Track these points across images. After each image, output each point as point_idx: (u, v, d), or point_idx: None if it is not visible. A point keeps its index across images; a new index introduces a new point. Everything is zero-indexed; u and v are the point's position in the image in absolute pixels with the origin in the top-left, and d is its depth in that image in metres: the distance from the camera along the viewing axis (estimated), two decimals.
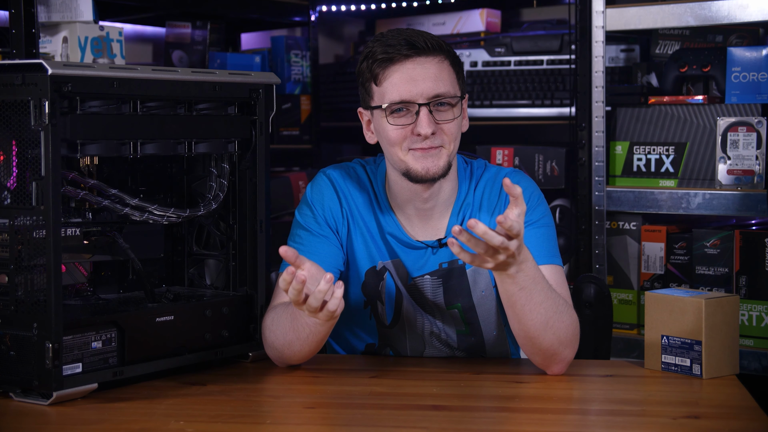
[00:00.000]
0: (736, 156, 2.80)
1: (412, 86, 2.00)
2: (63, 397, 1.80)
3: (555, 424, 1.73)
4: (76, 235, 1.99)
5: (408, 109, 2.01)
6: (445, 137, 2.03)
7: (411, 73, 2.01)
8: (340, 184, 2.14)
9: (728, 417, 1.75)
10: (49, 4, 2.77)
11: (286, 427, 1.77)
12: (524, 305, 1.90)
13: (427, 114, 2.00)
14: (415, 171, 2.03)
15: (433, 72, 2.02)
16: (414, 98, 2.00)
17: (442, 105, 2.02)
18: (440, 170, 2.03)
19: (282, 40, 3.80)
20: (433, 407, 1.78)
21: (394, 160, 2.05)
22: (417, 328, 2.14)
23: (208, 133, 2.04)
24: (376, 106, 2.05)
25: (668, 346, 1.98)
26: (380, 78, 2.03)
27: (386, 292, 2.13)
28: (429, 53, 2.02)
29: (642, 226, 3.00)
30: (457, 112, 2.03)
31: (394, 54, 2.01)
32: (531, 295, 1.89)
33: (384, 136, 2.05)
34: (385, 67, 2.02)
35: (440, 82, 2.01)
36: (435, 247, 2.11)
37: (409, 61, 2.01)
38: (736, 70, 2.88)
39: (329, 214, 2.12)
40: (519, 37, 3.50)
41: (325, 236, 2.11)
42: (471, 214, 2.12)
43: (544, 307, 1.91)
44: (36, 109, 1.76)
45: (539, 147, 3.31)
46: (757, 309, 2.81)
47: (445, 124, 2.02)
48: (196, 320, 2.02)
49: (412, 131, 2.01)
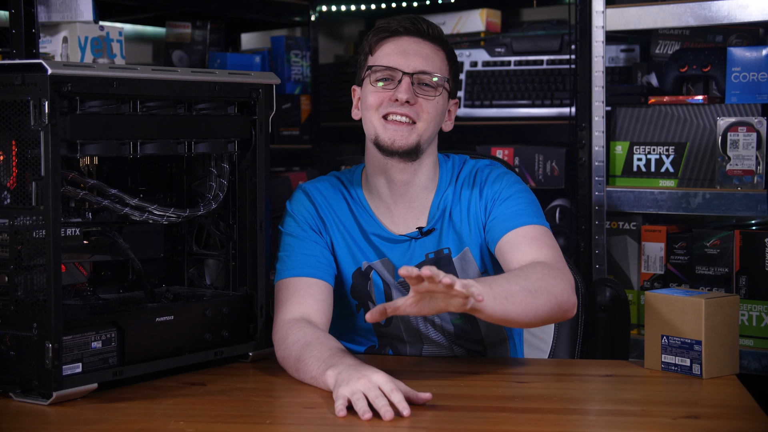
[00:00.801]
0: (736, 156, 2.80)
1: (402, 57, 2.06)
2: (63, 397, 1.80)
3: (555, 424, 1.73)
4: (76, 235, 1.99)
5: (392, 78, 2.06)
6: (421, 113, 2.06)
7: (404, 47, 2.07)
8: (315, 196, 2.18)
9: (728, 417, 1.75)
10: (49, 4, 2.77)
11: (286, 427, 1.77)
12: (506, 319, 1.89)
13: (408, 84, 2.05)
14: (382, 139, 2.07)
15: (426, 52, 2.08)
16: (400, 66, 2.05)
17: (426, 86, 2.06)
18: (407, 146, 2.06)
19: (282, 40, 3.80)
20: (433, 407, 1.78)
21: (368, 126, 2.10)
22: (411, 320, 2.14)
23: (208, 133, 2.04)
24: (365, 74, 2.09)
25: (668, 346, 1.98)
26: (375, 48, 2.10)
27: (375, 292, 2.14)
28: (428, 38, 2.08)
29: (642, 226, 3.00)
30: (440, 100, 2.06)
31: (395, 29, 2.09)
32: (506, 308, 1.85)
33: (365, 101, 2.10)
34: (382, 38, 2.10)
35: (430, 63, 2.07)
36: (417, 237, 2.12)
37: (407, 36, 2.08)
38: (736, 70, 2.88)
39: (311, 220, 2.15)
40: (519, 37, 3.50)
41: (313, 240, 2.13)
42: (451, 204, 2.13)
43: (524, 306, 1.88)
44: (36, 109, 1.76)
45: (539, 147, 3.31)
46: (757, 309, 2.81)
47: (424, 100, 2.05)
48: (196, 320, 2.02)
49: (390, 98, 2.05)
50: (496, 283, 1.86)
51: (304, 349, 1.93)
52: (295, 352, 1.94)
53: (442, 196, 2.14)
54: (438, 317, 2.14)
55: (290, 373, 1.96)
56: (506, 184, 2.12)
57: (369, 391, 1.72)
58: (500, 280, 1.89)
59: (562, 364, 2.20)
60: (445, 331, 2.16)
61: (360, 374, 1.75)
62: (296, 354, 1.93)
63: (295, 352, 1.94)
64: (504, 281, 1.88)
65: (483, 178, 2.14)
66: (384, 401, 1.71)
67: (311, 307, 2.05)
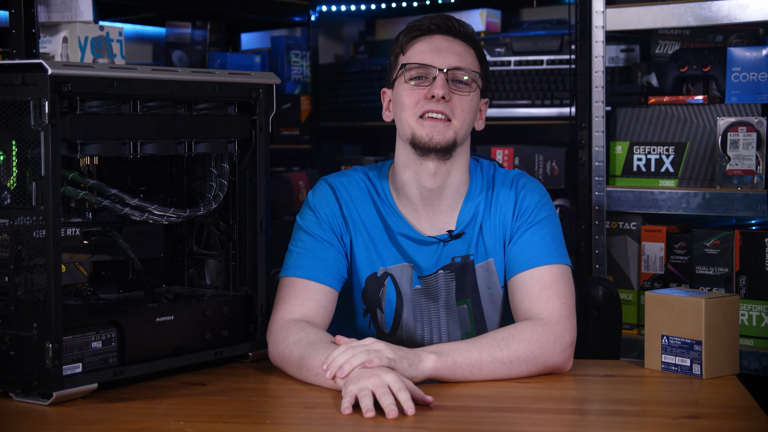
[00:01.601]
0: (736, 156, 2.80)
1: (436, 55, 2.06)
2: (63, 397, 1.80)
3: (555, 424, 1.73)
4: (76, 235, 1.99)
5: (426, 76, 2.06)
6: (456, 110, 2.05)
7: (438, 45, 2.08)
8: (341, 192, 2.14)
9: (728, 417, 1.75)
10: (49, 4, 2.77)
11: (286, 427, 1.77)
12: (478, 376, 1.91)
13: (443, 80, 2.04)
14: (420, 137, 2.04)
15: (458, 49, 2.08)
16: (434, 63, 2.05)
17: (460, 82, 2.06)
18: (445, 142, 2.04)
19: (282, 40, 3.80)
20: (433, 407, 1.78)
21: (403, 126, 2.08)
22: (416, 338, 2.14)
23: (208, 133, 2.04)
24: (398, 74, 2.09)
25: (668, 346, 1.98)
26: (407, 47, 2.10)
27: (386, 300, 2.13)
28: (460, 36, 2.09)
29: (642, 226, 3.00)
30: (474, 96, 2.07)
31: (427, 27, 2.09)
32: (472, 377, 1.90)
33: (399, 101, 2.08)
34: (415, 37, 2.10)
35: (463, 59, 2.08)
36: (446, 240, 2.11)
37: (439, 35, 2.08)
38: (736, 70, 2.88)
39: (333, 219, 2.12)
40: (519, 37, 3.50)
41: (329, 242, 2.10)
42: (482, 213, 2.12)
43: (493, 375, 1.91)
44: (36, 109, 1.76)
45: (539, 147, 3.31)
46: (757, 309, 2.81)
47: (460, 97, 2.05)
48: (196, 320, 2.02)
49: (426, 95, 2.04)
50: (464, 352, 1.89)
51: (308, 347, 1.92)
52: (298, 350, 1.93)
53: (473, 202, 2.13)
54: (447, 335, 2.14)
55: (290, 372, 1.96)
56: (536, 205, 2.10)
57: (377, 388, 1.73)
58: (471, 348, 1.91)
59: None
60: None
61: (371, 372, 1.76)
62: (299, 352, 1.93)
63: (298, 351, 1.93)
64: (476, 351, 1.90)
65: (515, 193, 2.12)
66: (390, 399, 1.71)
67: (312, 311, 2.04)
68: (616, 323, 2.35)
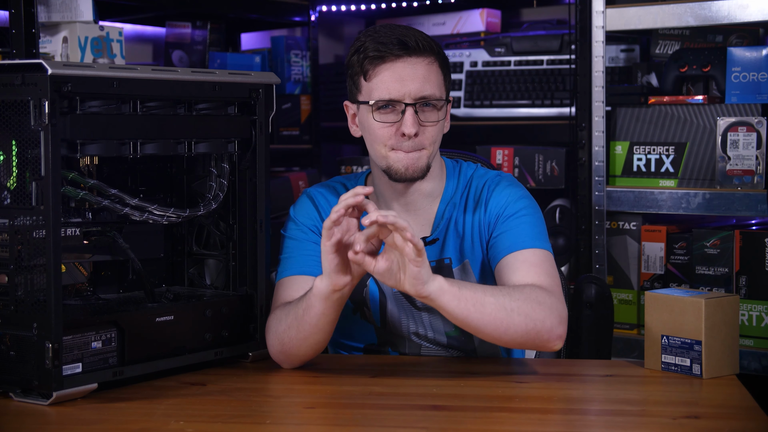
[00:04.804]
0: (736, 156, 2.80)
1: (401, 85, 2.03)
2: (63, 397, 1.80)
3: (555, 424, 1.73)
4: (76, 235, 1.99)
5: (394, 107, 2.05)
6: (426, 140, 2.06)
7: (401, 73, 2.04)
8: (319, 200, 2.18)
9: (728, 417, 1.75)
10: (49, 4, 2.77)
11: (286, 427, 1.77)
12: (471, 325, 1.90)
13: (413, 114, 2.03)
14: (396, 169, 2.06)
15: (421, 73, 2.04)
16: (401, 97, 2.03)
17: (427, 106, 2.05)
18: (420, 171, 2.07)
19: (282, 40, 3.80)
20: (433, 407, 1.78)
21: (377, 156, 2.09)
22: (402, 331, 2.15)
23: (208, 133, 2.04)
24: (363, 102, 2.08)
25: (668, 346, 1.98)
26: (369, 74, 2.07)
27: (370, 298, 2.15)
28: (420, 53, 2.05)
29: (642, 226, 3.00)
30: (441, 115, 2.08)
31: (385, 52, 2.04)
32: (470, 314, 1.88)
33: (370, 132, 2.08)
34: (375, 64, 2.06)
35: (428, 84, 2.05)
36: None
37: (400, 60, 2.04)
38: (736, 70, 2.88)
39: (312, 225, 2.15)
40: (519, 37, 3.50)
41: (313, 241, 2.12)
42: (456, 215, 2.13)
43: (492, 319, 1.89)
44: (36, 109, 1.76)
45: (539, 147, 3.31)
46: (757, 309, 2.81)
47: (429, 126, 2.06)
48: (196, 320, 2.02)
49: (397, 130, 2.04)
50: (470, 288, 1.89)
51: (291, 305, 1.99)
52: (289, 316, 1.98)
53: (447, 205, 2.14)
54: (431, 329, 2.14)
55: (293, 342, 1.97)
56: (512, 199, 2.10)
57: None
58: (477, 287, 1.91)
59: (561, 364, 2.20)
60: (438, 342, 2.15)
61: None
62: (290, 314, 1.97)
63: (289, 316, 1.98)
64: (480, 290, 1.90)
65: (490, 192, 2.13)
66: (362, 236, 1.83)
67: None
68: (608, 321, 2.35)
